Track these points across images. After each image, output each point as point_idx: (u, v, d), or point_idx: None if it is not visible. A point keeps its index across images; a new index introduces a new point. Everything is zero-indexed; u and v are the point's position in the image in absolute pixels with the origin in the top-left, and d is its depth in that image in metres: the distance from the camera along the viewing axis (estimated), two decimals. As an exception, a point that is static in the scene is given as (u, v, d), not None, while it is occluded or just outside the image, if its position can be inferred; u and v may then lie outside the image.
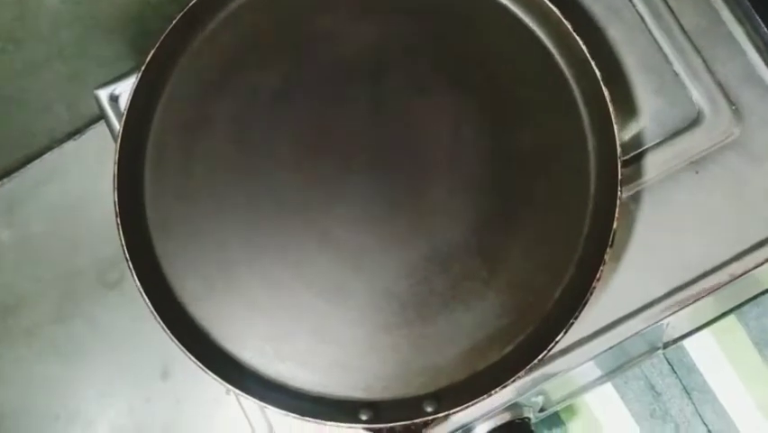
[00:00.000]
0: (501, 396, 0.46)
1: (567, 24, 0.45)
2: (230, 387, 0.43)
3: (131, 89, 0.46)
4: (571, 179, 0.46)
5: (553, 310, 0.45)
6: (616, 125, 0.44)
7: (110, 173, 0.46)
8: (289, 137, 0.48)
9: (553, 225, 0.46)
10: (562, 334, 0.42)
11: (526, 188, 0.46)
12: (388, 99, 0.48)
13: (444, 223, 0.46)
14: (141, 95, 0.47)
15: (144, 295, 0.44)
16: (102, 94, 0.53)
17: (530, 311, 0.45)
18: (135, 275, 0.44)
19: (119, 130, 0.46)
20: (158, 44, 0.47)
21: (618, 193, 0.43)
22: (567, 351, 0.47)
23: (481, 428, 0.48)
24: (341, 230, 0.47)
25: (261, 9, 0.49)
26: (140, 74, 0.46)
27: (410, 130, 0.48)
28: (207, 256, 0.47)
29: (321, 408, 0.44)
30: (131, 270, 0.44)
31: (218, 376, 0.43)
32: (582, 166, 0.46)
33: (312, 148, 0.48)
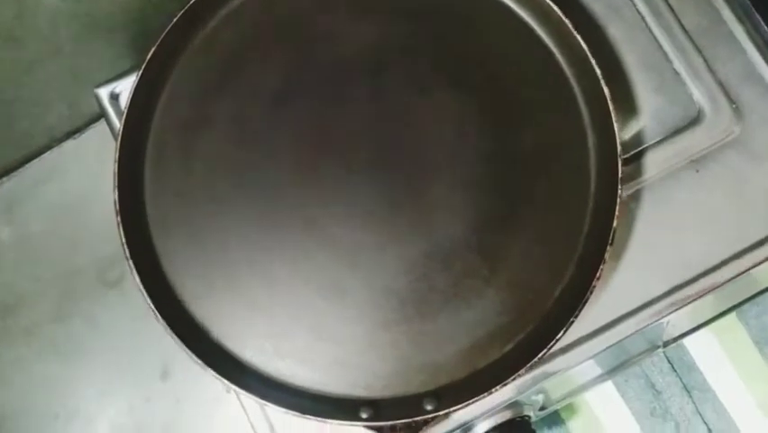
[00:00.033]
0: (501, 394, 0.46)
1: (567, 23, 0.45)
2: (230, 385, 0.43)
3: (131, 88, 0.47)
4: (572, 178, 0.46)
5: (554, 308, 0.45)
6: (616, 124, 0.44)
7: (110, 172, 0.46)
8: (289, 136, 0.48)
9: (554, 224, 0.46)
10: (563, 332, 0.42)
11: (527, 187, 0.46)
12: (388, 99, 0.48)
13: (445, 221, 0.46)
14: (142, 93, 0.47)
15: (145, 293, 0.44)
16: (102, 92, 0.53)
17: (530, 309, 0.45)
18: (136, 273, 0.44)
19: (119, 128, 0.46)
20: (158, 42, 0.47)
21: (619, 191, 0.43)
22: (567, 349, 0.47)
23: (482, 427, 0.48)
24: (339, 228, 0.47)
25: (262, 7, 0.50)
26: (140, 72, 0.47)
27: (410, 129, 0.48)
28: (207, 255, 0.47)
29: (321, 406, 0.44)
30: (131, 268, 0.44)
31: (219, 374, 0.43)
32: (583, 164, 0.46)
33: (312, 147, 0.48)
